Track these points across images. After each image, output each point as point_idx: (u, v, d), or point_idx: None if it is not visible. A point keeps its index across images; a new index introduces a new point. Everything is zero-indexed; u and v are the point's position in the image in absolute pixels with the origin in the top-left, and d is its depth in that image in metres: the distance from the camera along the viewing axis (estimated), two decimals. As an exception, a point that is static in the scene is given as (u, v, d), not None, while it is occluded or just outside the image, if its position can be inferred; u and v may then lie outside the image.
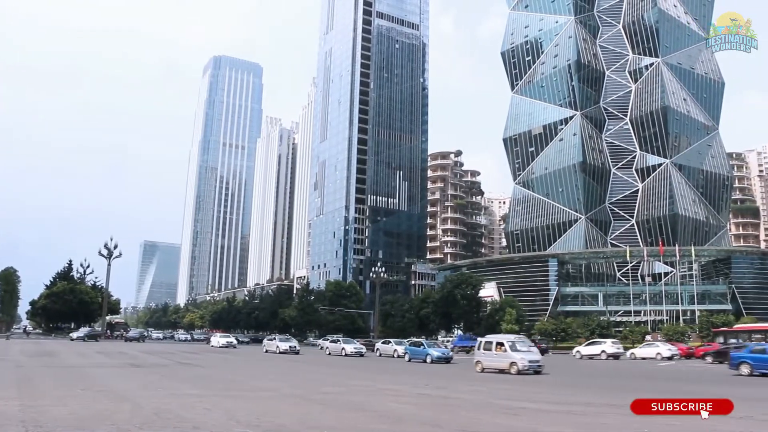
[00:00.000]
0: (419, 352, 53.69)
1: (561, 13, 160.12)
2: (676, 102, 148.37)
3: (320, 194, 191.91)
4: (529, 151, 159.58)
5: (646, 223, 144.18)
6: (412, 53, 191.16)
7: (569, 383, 31.19)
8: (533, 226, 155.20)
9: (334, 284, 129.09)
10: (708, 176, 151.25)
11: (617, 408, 18.83)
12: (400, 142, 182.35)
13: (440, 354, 51.74)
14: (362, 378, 32.25)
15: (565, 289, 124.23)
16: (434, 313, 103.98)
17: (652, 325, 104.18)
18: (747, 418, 16.17)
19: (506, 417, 17.15)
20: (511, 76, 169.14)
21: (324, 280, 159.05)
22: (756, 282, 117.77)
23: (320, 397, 21.82)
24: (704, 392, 22.16)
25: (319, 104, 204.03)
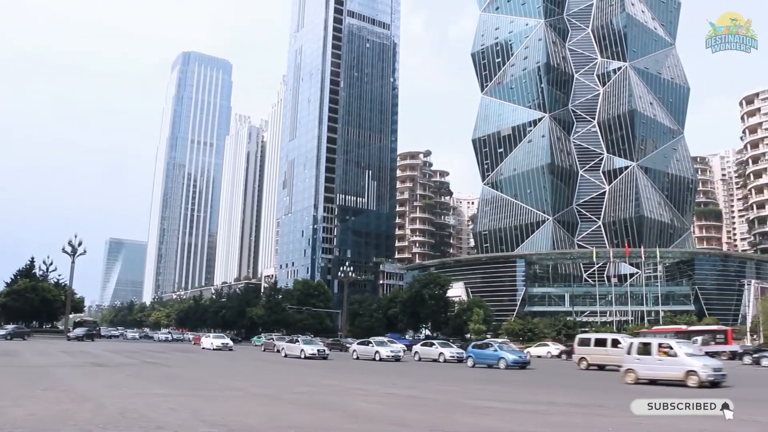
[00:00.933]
0: (488, 355, 42.79)
1: (531, 15, 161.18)
2: (643, 106, 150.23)
3: (289, 193, 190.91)
4: (498, 152, 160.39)
5: (613, 225, 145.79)
6: (382, 53, 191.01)
7: (527, 382, 31.23)
8: (501, 227, 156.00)
9: (302, 283, 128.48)
10: (673, 179, 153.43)
11: (580, 407, 19.01)
12: (369, 141, 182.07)
13: (517, 358, 41.55)
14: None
15: (532, 290, 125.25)
16: (402, 312, 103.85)
17: (617, 326, 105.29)
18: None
19: (475, 416, 17.06)
20: (480, 77, 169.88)
21: (292, 279, 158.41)
22: (718, 283, 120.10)
23: (290, 396, 21.53)
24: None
25: (289, 102, 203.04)
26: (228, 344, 70.18)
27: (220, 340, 71.91)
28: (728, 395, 15.42)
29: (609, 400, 21.19)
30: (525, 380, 32.15)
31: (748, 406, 17.91)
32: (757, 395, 24.62)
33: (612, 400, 21.16)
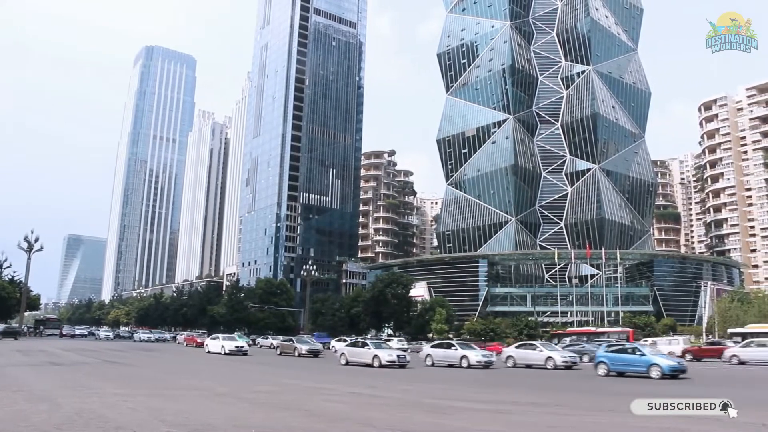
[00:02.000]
0: (632, 361, 32.41)
1: (497, 17, 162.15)
2: (606, 109, 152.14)
3: (252, 190, 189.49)
4: (462, 153, 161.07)
5: (574, 227, 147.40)
6: (348, 51, 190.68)
7: (492, 382, 31.21)
8: (464, 227, 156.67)
9: (264, 281, 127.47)
10: (634, 182, 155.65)
11: (541, 407, 19.12)
12: (334, 140, 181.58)
13: (675, 365, 32.21)
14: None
15: (494, 290, 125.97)
16: (365, 312, 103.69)
17: (578, 326, 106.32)
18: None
19: (437, 415, 16.92)
20: (446, 77, 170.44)
21: (254, 277, 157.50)
22: (675, 285, 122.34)
23: (253, 396, 21.16)
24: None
25: (254, 99, 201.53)
26: (243, 348, 54.36)
27: (233, 342, 55.50)
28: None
29: (568, 400, 21.23)
30: (488, 380, 32.10)
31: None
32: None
33: (571, 400, 21.26)
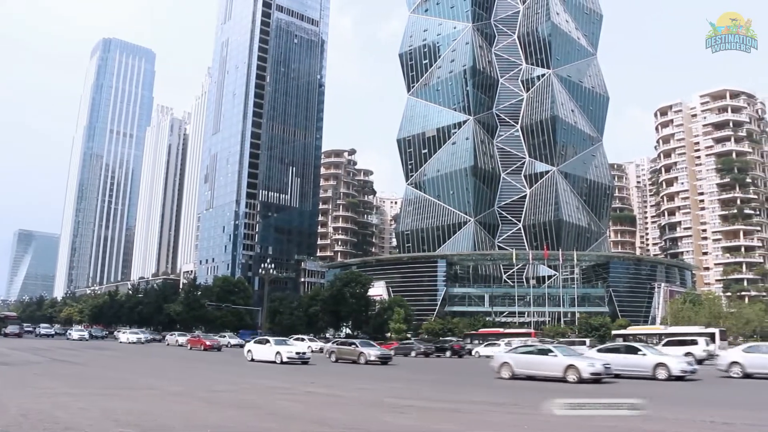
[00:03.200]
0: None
1: (459, 19, 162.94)
2: (565, 113, 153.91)
3: (211, 187, 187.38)
4: (422, 153, 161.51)
5: (533, 228, 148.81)
6: (310, 49, 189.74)
7: (445, 381, 31.24)
8: (423, 227, 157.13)
9: (222, 279, 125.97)
10: (591, 185, 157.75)
11: (499, 406, 19.19)
12: (294, 137, 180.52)
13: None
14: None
15: (452, 290, 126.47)
16: (323, 311, 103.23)
17: (535, 326, 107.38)
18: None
19: (394, 415, 16.81)
20: (407, 77, 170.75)
21: (212, 275, 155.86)
22: (630, 286, 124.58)
23: (209, 395, 20.77)
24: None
25: (213, 95, 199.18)
26: (304, 355, 42.63)
27: (289, 348, 43.04)
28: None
29: (524, 400, 21.30)
30: (441, 380, 32.14)
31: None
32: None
33: (528, 400, 21.30)
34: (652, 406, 17.32)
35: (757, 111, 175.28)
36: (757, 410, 19.23)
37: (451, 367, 47.38)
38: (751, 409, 19.29)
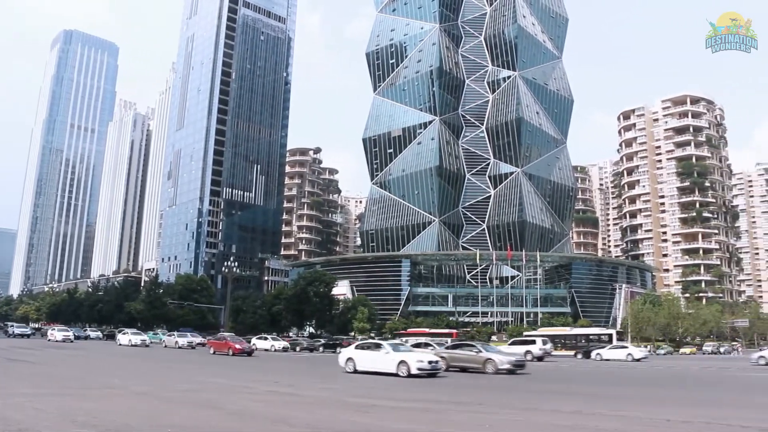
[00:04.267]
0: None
1: (427, 19, 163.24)
2: (530, 115, 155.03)
3: (174, 184, 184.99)
4: (388, 153, 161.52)
5: (496, 228, 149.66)
6: (276, 46, 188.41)
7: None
8: (388, 227, 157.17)
9: (184, 278, 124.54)
10: (555, 187, 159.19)
11: (464, 405, 19.10)
12: (259, 135, 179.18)
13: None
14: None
15: (416, 289, 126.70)
16: (287, 309, 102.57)
17: (498, 326, 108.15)
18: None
19: (358, 414, 16.64)
20: (374, 77, 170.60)
21: (174, 273, 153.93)
22: (592, 287, 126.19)
23: (171, 395, 20.35)
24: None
25: (178, 91, 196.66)
26: (437, 364, 31.44)
27: (420, 357, 30.29)
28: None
29: (488, 399, 21.31)
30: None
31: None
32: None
33: (491, 399, 21.33)
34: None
35: (716, 117, 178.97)
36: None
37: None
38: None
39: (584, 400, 20.47)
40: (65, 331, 75.75)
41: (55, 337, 72.42)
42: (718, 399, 22.39)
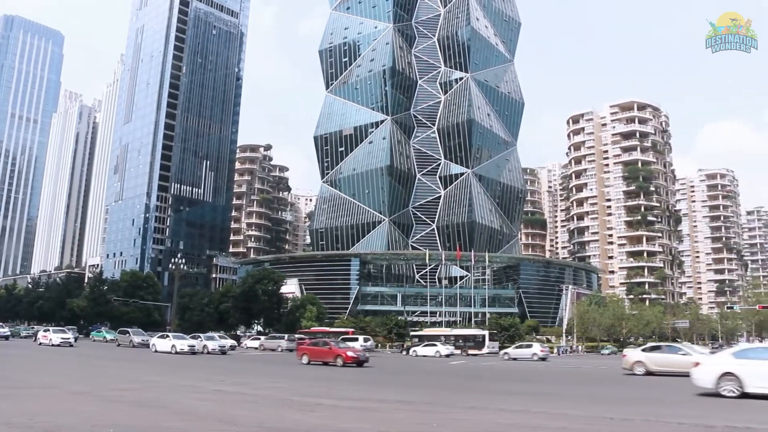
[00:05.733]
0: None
1: (381, 19, 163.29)
2: (481, 116, 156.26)
3: (120, 178, 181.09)
4: (339, 151, 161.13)
5: (446, 229, 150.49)
6: (229, 41, 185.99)
7: (357, 379, 31.04)
8: (338, 225, 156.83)
9: (130, 274, 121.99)
10: (504, 188, 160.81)
11: (409, 404, 19.12)
12: (209, 131, 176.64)
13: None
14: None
15: (365, 289, 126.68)
16: (234, 307, 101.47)
17: (446, 326, 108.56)
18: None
19: (303, 413, 16.40)
20: (326, 75, 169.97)
21: (120, 269, 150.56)
22: (539, 288, 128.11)
23: (112, 394, 19.72)
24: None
25: (126, 83, 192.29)
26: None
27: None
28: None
29: (436, 398, 21.31)
30: (358, 378, 31.86)
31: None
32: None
33: (438, 398, 21.35)
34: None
35: (661, 123, 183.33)
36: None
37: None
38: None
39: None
40: (62, 333, 63.11)
41: (50, 341, 60.31)
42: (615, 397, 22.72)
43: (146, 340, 62.02)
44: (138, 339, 63.33)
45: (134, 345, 62.02)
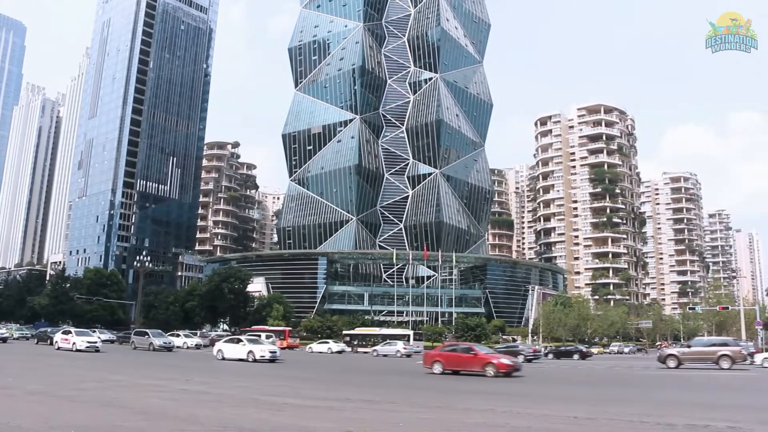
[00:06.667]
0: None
1: (351, 18, 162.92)
2: (450, 117, 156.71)
3: (85, 174, 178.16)
4: (307, 150, 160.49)
5: (414, 228, 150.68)
6: (197, 37, 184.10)
7: (332, 379, 30.93)
8: (305, 224, 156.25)
9: (93, 272, 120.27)
10: (472, 189, 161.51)
11: (373, 404, 19.16)
12: (176, 127, 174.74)
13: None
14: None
15: (332, 288, 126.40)
16: (200, 306, 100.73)
17: (413, 326, 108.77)
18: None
19: (269, 412, 16.23)
20: (296, 73, 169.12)
21: (83, 266, 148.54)
22: (506, 288, 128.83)
23: (74, 393, 19.27)
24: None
25: (92, 77, 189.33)
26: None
27: None
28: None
29: (399, 397, 21.29)
30: (308, 377, 31.80)
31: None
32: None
33: (401, 397, 21.44)
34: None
35: (627, 126, 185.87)
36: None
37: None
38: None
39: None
40: (86, 335, 52.89)
41: (74, 345, 49.67)
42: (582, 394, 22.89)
43: (169, 343, 57.57)
44: (159, 341, 56.32)
45: (155, 348, 55.34)
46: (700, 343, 48.39)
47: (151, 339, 56.99)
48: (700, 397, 23.28)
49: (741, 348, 45.15)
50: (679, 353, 45.29)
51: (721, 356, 42.41)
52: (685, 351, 45.84)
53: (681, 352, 45.54)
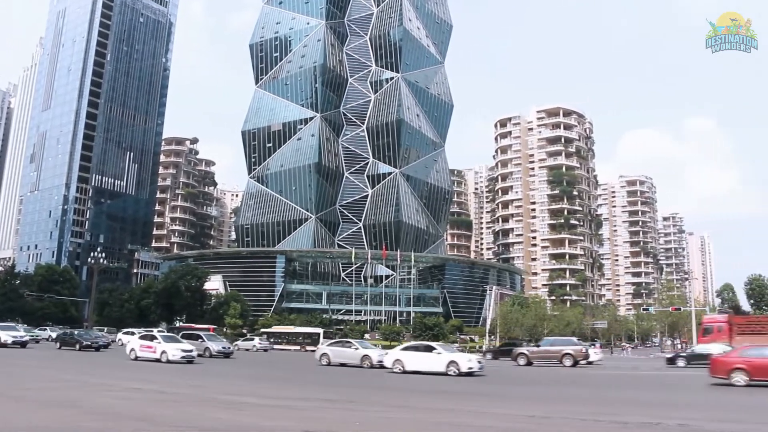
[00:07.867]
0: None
1: (313, 15, 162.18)
2: (410, 117, 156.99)
3: (37, 168, 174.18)
4: (267, 147, 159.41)
5: (373, 228, 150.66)
6: (156, 30, 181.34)
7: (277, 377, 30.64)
8: (264, 222, 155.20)
9: (45, 268, 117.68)
10: (432, 189, 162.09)
11: (333, 402, 19.26)
12: (133, 121, 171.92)
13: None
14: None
15: (290, 286, 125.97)
16: (155, 303, 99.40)
17: (371, 325, 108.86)
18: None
19: (229, 412, 15.97)
20: (256, 69, 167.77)
21: (34, 263, 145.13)
22: (464, 288, 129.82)
23: (22, 393, 18.66)
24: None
25: (45, 68, 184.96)
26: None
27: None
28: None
29: (358, 396, 21.24)
30: (273, 375, 31.47)
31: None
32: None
33: (360, 396, 21.40)
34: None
35: (585, 130, 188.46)
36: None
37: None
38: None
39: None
40: (179, 343, 40.62)
41: (166, 355, 37.81)
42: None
43: (227, 348, 48.98)
44: (217, 347, 47.71)
45: (211, 355, 46.69)
46: (547, 343, 51.91)
47: (207, 344, 47.88)
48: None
49: (582, 347, 48.88)
50: (528, 352, 49.04)
51: (564, 355, 46.40)
52: (533, 350, 49.53)
53: (530, 351, 49.18)
